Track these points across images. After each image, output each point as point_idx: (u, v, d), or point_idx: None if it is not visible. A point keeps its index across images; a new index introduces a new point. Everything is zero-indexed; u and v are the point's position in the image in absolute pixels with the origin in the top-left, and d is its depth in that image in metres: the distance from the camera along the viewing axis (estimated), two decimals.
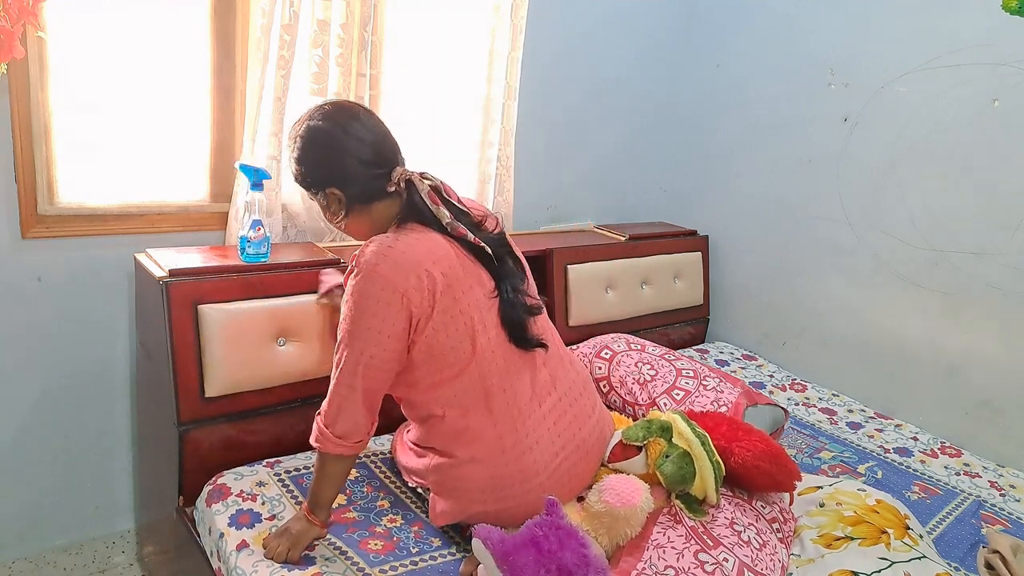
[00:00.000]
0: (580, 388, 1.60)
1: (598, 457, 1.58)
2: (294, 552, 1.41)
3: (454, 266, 1.42)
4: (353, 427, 1.41)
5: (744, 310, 2.91)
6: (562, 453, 1.50)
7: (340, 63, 2.01)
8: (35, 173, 1.73)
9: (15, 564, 1.95)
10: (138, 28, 1.82)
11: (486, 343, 1.44)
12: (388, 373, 1.42)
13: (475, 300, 1.44)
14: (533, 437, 1.46)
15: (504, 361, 1.47)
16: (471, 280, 1.45)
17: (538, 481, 1.45)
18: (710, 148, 2.95)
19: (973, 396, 2.26)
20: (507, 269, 1.51)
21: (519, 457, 1.44)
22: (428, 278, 1.38)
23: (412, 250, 1.39)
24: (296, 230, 2.13)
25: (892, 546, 1.47)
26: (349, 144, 1.42)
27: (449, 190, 1.51)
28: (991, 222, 2.16)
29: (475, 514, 1.47)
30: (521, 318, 1.49)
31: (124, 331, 1.96)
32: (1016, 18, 2.06)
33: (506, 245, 1.55)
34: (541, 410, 1.50)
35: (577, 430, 1.53)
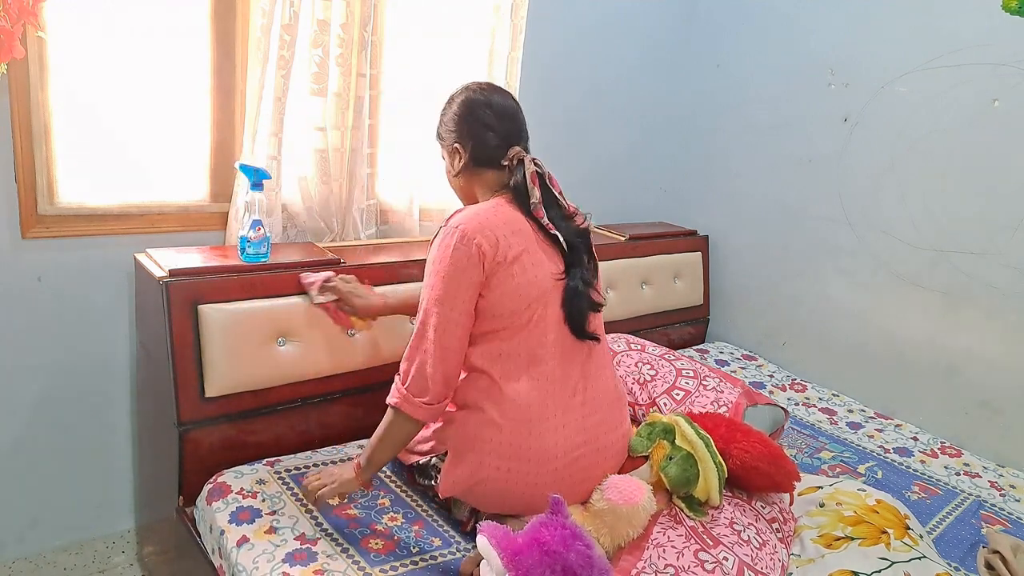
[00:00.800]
0: (615, 399, 1.64)
1: (612, 469, 1.59)
2: (328, 491, 1.48)
3: (530, 240, 1.52)
4: (427, 386, 1.46)
5: (744, 310, 2.91)
6: (583, 448, 1.51)
7: (340, 63, 2.01)
8: (35, 173, 1.73)
9: (15, 564, 1.95)
10: (138, 28, 1.82)
11: (542, 317, 1.51)
12: (465, 329, 1.49)
13: (541, 275, 1.51)
14: (560, 420, 1.49)
15: (555, 340, 1.52)
16: (543, 256, 1.53)
17: (553, 466, 1.47)
18: (710, 148, 2.95)
19: (973, 396, 2.26)
20: (579, 259, 1.57)
21: (542, 435, 1.47)
22: (503, 240, 1.47)
23: (494, 216, 1.50)
24: (296, 230, 2.13)
25: (892, 546, 1.47)
26: (487, 114, 1.58)
27: (554, 180, 1.59)
28: (991, 222, 2.16)
29: (483, 480, 1.48)
30: (582, 308, 1.55)
31: (124, 331, 1.96)
32: (1016, 18, 2.06)
33: (586, 240, 1.61)
34: (575, 399, 1.53)
35: (603, 433, 1.56)
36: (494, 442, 1.47)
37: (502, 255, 1.46)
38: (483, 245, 1.44)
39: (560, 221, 1.57)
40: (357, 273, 1.90)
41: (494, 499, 1.50)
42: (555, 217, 1.56)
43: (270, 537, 1.47)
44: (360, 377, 1.92)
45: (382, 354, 1.95)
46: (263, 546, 1.44)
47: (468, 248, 1.44)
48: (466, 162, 1.59)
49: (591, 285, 1.58)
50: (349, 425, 1.93)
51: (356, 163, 2.10)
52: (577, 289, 1.54)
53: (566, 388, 1.53)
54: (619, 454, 1.60)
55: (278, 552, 1.43)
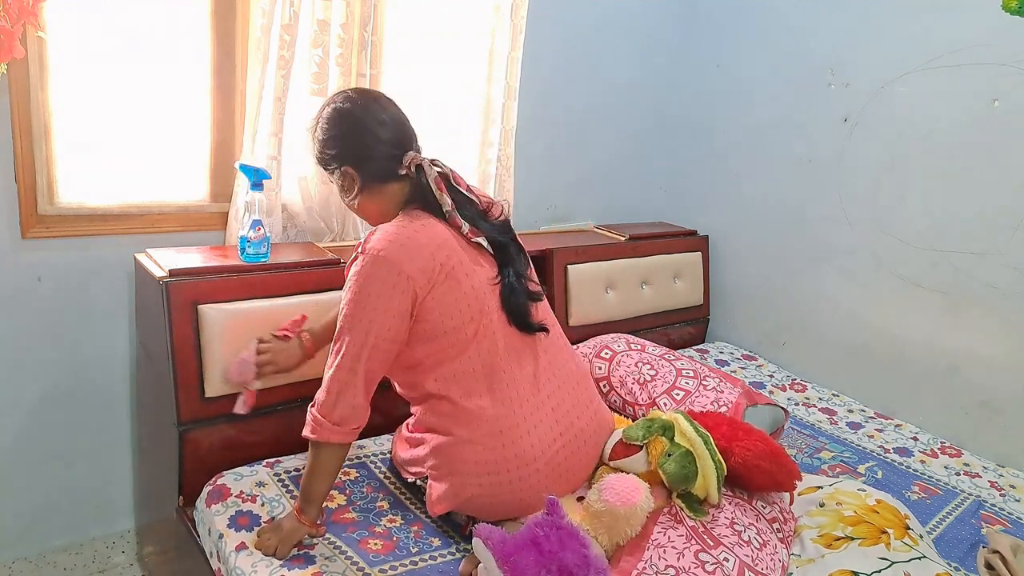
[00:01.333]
0: (579, 377, 1.62)
1: (596, 449, 1.59)
2: (282, 549, 1.42)
3: (457, 251, 1.47)
4: (352, 412, 1.42)
5: (744, 310, 2.90)
6: (560, 440, 1.51)
7: (340, 63, 2.01)
8: (35, 173, 1.73)
9: (15, 564, 1.95)
10: (138, 28, 1.82)
11: (487, 325, 1.48)
12: (389, 355, 1.45)
13: (477, 283, 1.48)
14: (531, 421, 1.48)
15: (505, 344, 1.50)
16: (473, 264, 1.50)
17: (535, 467, 1.46)
18: (710, 148, 2.95)
19: (973, 396, 2.25)
20: (509, 256, 1.55)
21: (516, 441, 1.46)
22: (432, 261, 1.42)
23: (417, 235, 1.44)
24: (296, 230, 2.13)
25: (892, 546, 1.47)
26: (368, 124, 1.49)
27: (458, 178, 1.54)
28: (991, 222, 2.16)
29: (470, 497, 1.48)
30: (523, 303, 1.53)
31: (124, 331, 1.96)
32: (1016, 18, 2.06)
33: (508, 232, 1.58)
34: (540, 395, 1.52)
35: (575, 418, 1.55)
36: (470, 462, 1.46)
37: (433, 277, 1.42)
38: (412, 274, 1.39)
39: (479, 221, 1.52)
40: None
41: (484, 511, 1.50)
42: (472, 218, 1.51)
43: None
44: None
45: None
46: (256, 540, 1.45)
47: (392, 277, 1.39)
48: (362, 183, 1.50)
49: (524, 276, 1.56)
50: None
51: None
52: (513, 287, 1.51)
53: (528, 387, 1.51)
54: (597, 432, 1.59)
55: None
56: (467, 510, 1.52)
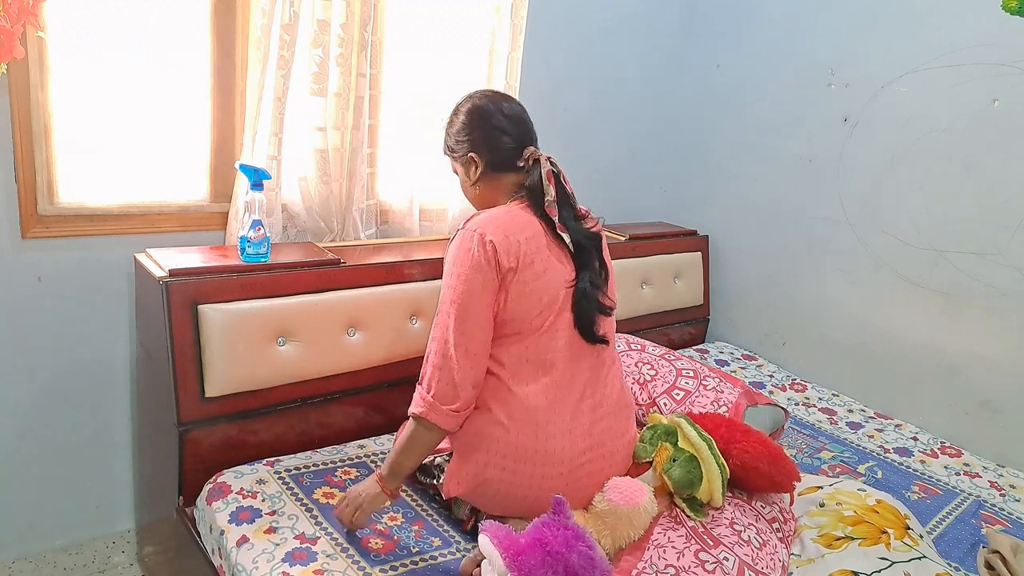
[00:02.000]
0: (623, 405, 1.64)
1: (619, 475, 1.59)
2: (359, 518, 1.47)
3: (542, 244, 1.52)
4: (453, 393, 1.45)
5: (744, 310, 2.90)
6: (589, 454, 1.51)
7: (340, 63, 2.01)
8: (35, 173, 1.73)
9: (15, 564, 1.95)
10: (138, 28, 1.82)
11: (554, 323, 1.52)
12: (487, 332, 1.48)
13: (553, 279, 1.52)
14: (568, 425, 1.49)
15: (566, 345, 1.53)
16: (554, 260, 1.54)
17: (559, 470, 1.47)
18: (710, 148, 2.95)
19: (973, 396, 2.26)
20: (588, 261, 1.58)
21: (549, 438, 1.47)
22: (516, 244, 1.48)
23: (510, 221, 1.52)
24: (296, 230, 2.13)
25: (892, 546, 1.47)
26: (497, 118, 1.60)
27: (565, 179, 1.61)
28: (991, 222, 2.16)
29: (488, 481, 1.48)
30: (591, 311, 1.56)
31: (124, 331, 1.96)
32: (1016, 18, 2.06)
33: (596, 242, 1.63)
34: (583, 405, 1.53)
35: (608, 439, 1.56)
36: (500, 442, 1.47)
37: (516, 260, 1.47)
38: (499, 250, 1.46)
39: (571, 221, 1.58)
40: (357, 273, 1.90)
41: (497, 500, 1.50)
42: (566, 217, 1.57)
43: (270, 537, 1.47)
44: (360, 377, 1.92)
45: (382, 354, 1.95)
46: (263, 546, 1.44)
47: (486, 251, 1.45)
48: (483, 169, 1.60)
49: (600, 288, 1.58)
50: (349, 425, 1.93)
51: (356, 163, 2.10)
52: (586, 292, 1.54)
53: (574, 392, 1.53)
54: (625, 460, 1.60)
55: (278, 552, 1.43)
56: (479, 497, 1.52)
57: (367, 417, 1.96)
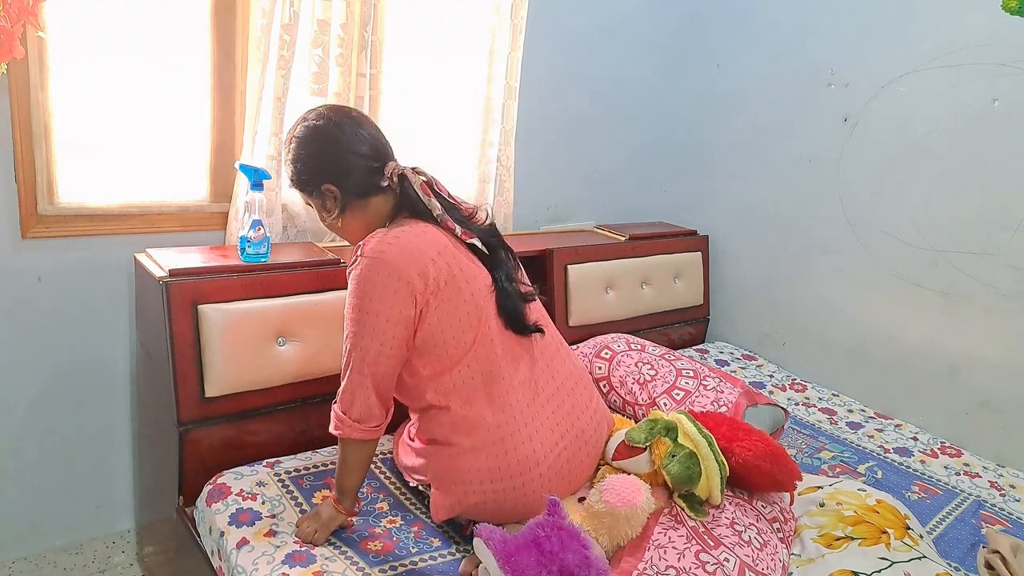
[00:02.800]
0: (577, 377, 1.62)
1: (597, 449, 1.59)
2: (320, 535, 1.47)
3: (457, 257, 1.47)
4: (368, 412, 1.42)
5: (744, 310, 2.90)
6: (561, 443, 1.51)
7: (340, 63, 2.01)
8: (35, 173, 1.73)
9: (15, 564, 1.95)
10: (138, 28, 1.82)
11: (485, 332, 1.48)
12: (396, 360, 1.43)
13: (476, 289, 1.48)
14: (532, 426, 1.48)
15: (503, 350, 1.49)
16: (471, 269, 1.49)
17: (538, 472, 1.46)
18: (710, 148, 2.94)
19: (973, 396, 2.26)
20: (500, 259, 1.55)
21: (518, 446, 1.46)
22: (433, 267, 1.41)
23: (417, 240, 1.42)
24: (296, 230, 2.13)
25: (892, 546, 1.47)
26: (343, 139, 1.45)
27: (440, 185, 1.54)
28: (991, 222, 2.16)
29: (474, 505, 1.48)
30: (518, 306, 1.53)
31: (124, 331, 1.96)
32: (1016, 18, 2.06)
33: (496, 235, 1.58)
34: (539, 399, 1.51)
35: (575, 420, 1.55)
36: (473, 470, 1.46)
37: (434, 283, 1.40)
38: (413, 280, 1.37)
39: (467, 224, 1.52)
40: None
41: (489, 516, 1.49)
42: (461, 221, 1.51)
43: (270, 539, 1.47)
44: None
45: None
46: (263, 548, 1.44)
47: (394, 283, 1.36)
48: (343, 200, 1.47)
49: (515, 279, 1.56)
50: None
51: None
52: (507, 290, 1.51)
53: (528, 392, 1.50)
54: (597, 431, 1.59)
55: (278, 554, 1.43)
56: (470, 516, 1.52)
57: None
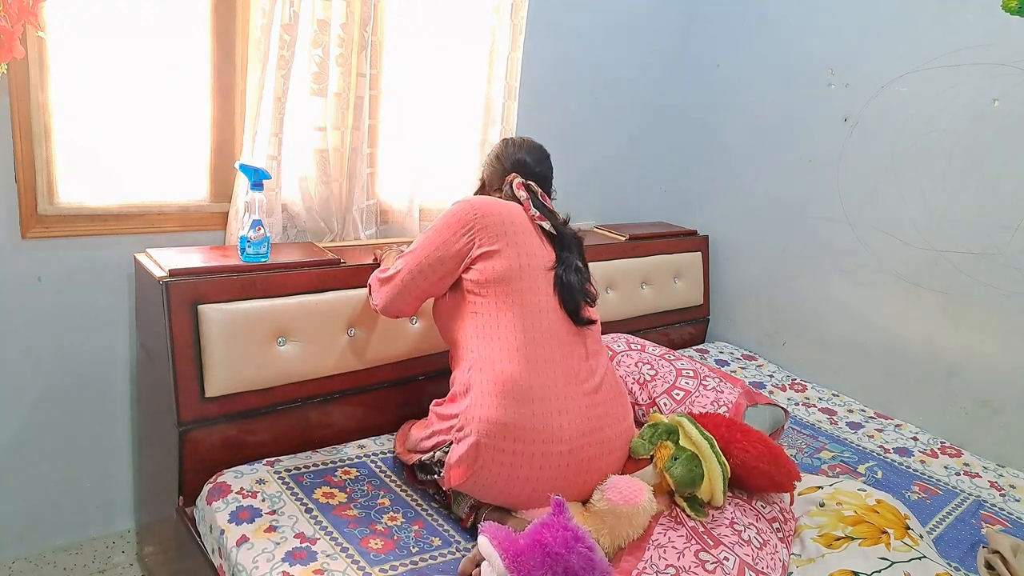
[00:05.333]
0: (618, 393, 1.67)
1: (616, 464, 1.60)
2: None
3: (524, 227, 1.68)
4: (396, 311, 1.76)
5: (744, 310, 2.90)
6: (587, 438, 1.53)
7: (340, 63, 2.01)
8: (35, 173, 1.73)
9: (15, 564, 1.95)
10: (138, 28, 1.82)
11: (534, 302, 1.61)
12: (431, 285, 1.68)
13: (533, 261, 1.64)
14: (563, 404, 1.53)
15: (551, 327, 1.61)
16: (534, 244, 1.67)
17: (558, 449, 1.49)
18: (710, 148, 2.95)
19: (973, 396, 2.26)
20: (569, 249, 1.70)
21: (545, 415, 1.50)
22: (499, 219, 1.65)
23: (499, 203, 1.71)
24: (296, 230, 2.13)
25: (892, 546, 1.47)
26: (503, 151, 1.87)
27: (546, 198, 1.78)
28: (991, 222, 2.16)
29: (488, 464, 1.48)
30: (575, 293, 1.65)
31: (124, 331, 1.96)
32: (1016, 18, 2.06)
33: (577, 240, 1.75)
34: (577, 389, 1.57)
35: (607, 426, 1.58)
36: (499, 422, 1.48)
37: (496, 229, 1.63)
38: (479, 217, 1.64)
39: (544, 212, 1.73)
40: (357, 273, 1.90)
41: (498, 487, 1.50)
42: (540, 208, 1.72)
43: (270, 536, 1.47)
44: (360, 377, 1.92)
45: (382, 354, 1.95)
46: (263, 545, 1.44)
47: (467, 219, 1.64)
48: (480, 185, 1.90)
49: (582, 274, 1.68)
50: (349, 425, 1.93)
51: (356, 163, 2.10)
52: (569, 275, 1.65)
53: (568, 373, 1.56)
54: (622, 448, 1.61)
55: (278, 551, 1.43)
56: (478, 486, 1.52)
57: (367, 417, 1.96)
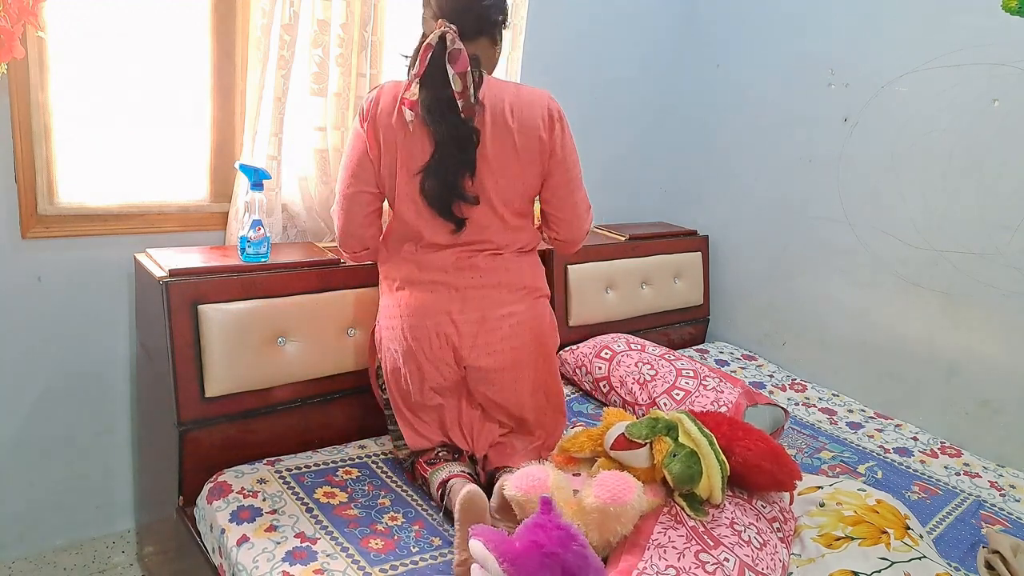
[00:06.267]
0: (501, 279, 1.65)
1: (517, 344, 1.65)
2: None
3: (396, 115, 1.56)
4: (359, 241, 1.71)
5: (744, 310, 2.91)
6: (470, 272, 1.62)
7: (340, 63, 2.01)
8: (35, 173, 1.73)
9: (15, 564, 1.95)
10: (138, 28, 1.82)
11: (407, 193, 1.60)
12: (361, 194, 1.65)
13: (407, 154, 1.58)
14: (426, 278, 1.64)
15: (416, 214, 1.62)
16: (405, 133, 1.56)
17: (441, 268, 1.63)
18: (710, 148, 2.95)
19: (973, 396, 2.26)
20: (445, 145, 1.55)
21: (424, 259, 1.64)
22: (374, 106, 1.59)
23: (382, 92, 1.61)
24: (296, 230, 2.13)
25: (892, 546, 1.47)
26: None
27: (458, 57, 1.48)
28: (991, 222, 2.16)
29: (381, 342, 1.70)
30: (439, 189, 1.57)
31: (124, 331, 1.96)
32: (1016, 18, 2.06)
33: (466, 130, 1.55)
34: (441, 258, 1.63)
35: (484, 309, 1.63)
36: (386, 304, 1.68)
37: (373, 122, 1.58)
38: (365, 114, 1.59)
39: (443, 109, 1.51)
40: (357, 273, 1.90)
41: (390, 361, 1.68)
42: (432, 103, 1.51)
43: (270, 535, 1.47)
44: (360, 377, 1.91)
45: None
46: (263, 544, 1.45)
47: (360, 120, 1.61)
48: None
49: (455, 170, 1.57)
50: (349, 425, 1.93)
51: None
52: (434, 171, 1.56)
53: (436, 259, 1.64)
54: (513, 326, 1.64)
55: (278, 551, 1.43)
56: (384, 364, 1.71)
57: (367, 417, 1.96)
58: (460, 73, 1.48)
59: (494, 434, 1.74)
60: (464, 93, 1.49)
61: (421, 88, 1.51)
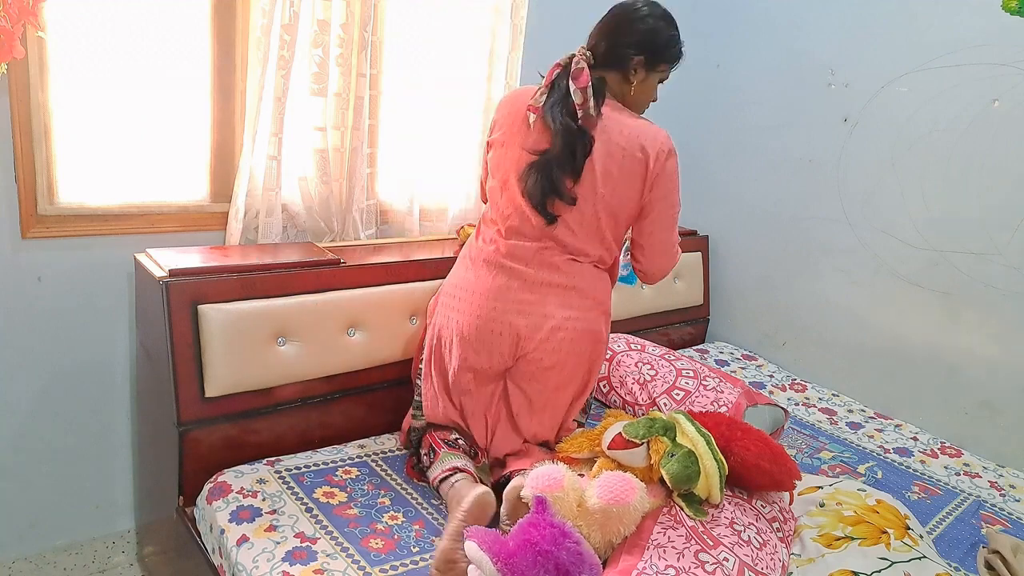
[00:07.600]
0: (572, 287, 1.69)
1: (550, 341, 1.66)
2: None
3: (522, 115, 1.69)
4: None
5: (744, 310, 2.91)
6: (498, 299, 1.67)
7: (340, 63, 2.01)
8: (35, 173, 1.73)
9: (15, 564, 1.95)
10: (138, 28, 1.82)
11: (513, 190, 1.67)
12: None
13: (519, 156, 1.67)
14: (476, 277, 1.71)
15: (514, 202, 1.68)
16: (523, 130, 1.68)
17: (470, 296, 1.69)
18: (710, 148, 2.94)
19: (973, 396, 2.26)
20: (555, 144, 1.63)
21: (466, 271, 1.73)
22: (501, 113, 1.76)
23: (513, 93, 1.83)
24: (296, 230, 2.13)
25: (892, 546, 1.47)
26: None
27: (578, 75, 1.64)
28: (991, 222, 2.16)
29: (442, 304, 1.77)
30: (540, 183, 1.63)
31: (124, 331, 1.96)
32: (1016, 18, 2.06)
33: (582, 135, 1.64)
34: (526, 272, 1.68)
35: (544, 309, 1.66)
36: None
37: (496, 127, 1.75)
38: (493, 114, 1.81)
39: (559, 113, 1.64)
40: (357, 273, 1.90)
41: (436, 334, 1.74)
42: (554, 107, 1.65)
43: (270, 535, 1.47)
44: (360, 377, 1.92)
45: (382, 354, 1.95)
46: (263, 544, 1.45)
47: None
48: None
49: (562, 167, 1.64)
50: (349, 425, 1.93)
51: (356, 163, 2.10)
52: (539, 167, 1.63)
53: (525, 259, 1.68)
54: (552, 327, 1.66)
55: (278, 551, 1.43)
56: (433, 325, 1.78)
57: (367, 417, 1.96)
58: (581, 88, 1.62)
59: (516, 444, 1.75)
60: (584, 104, 1.62)
61: (547, 97, 1.66)
